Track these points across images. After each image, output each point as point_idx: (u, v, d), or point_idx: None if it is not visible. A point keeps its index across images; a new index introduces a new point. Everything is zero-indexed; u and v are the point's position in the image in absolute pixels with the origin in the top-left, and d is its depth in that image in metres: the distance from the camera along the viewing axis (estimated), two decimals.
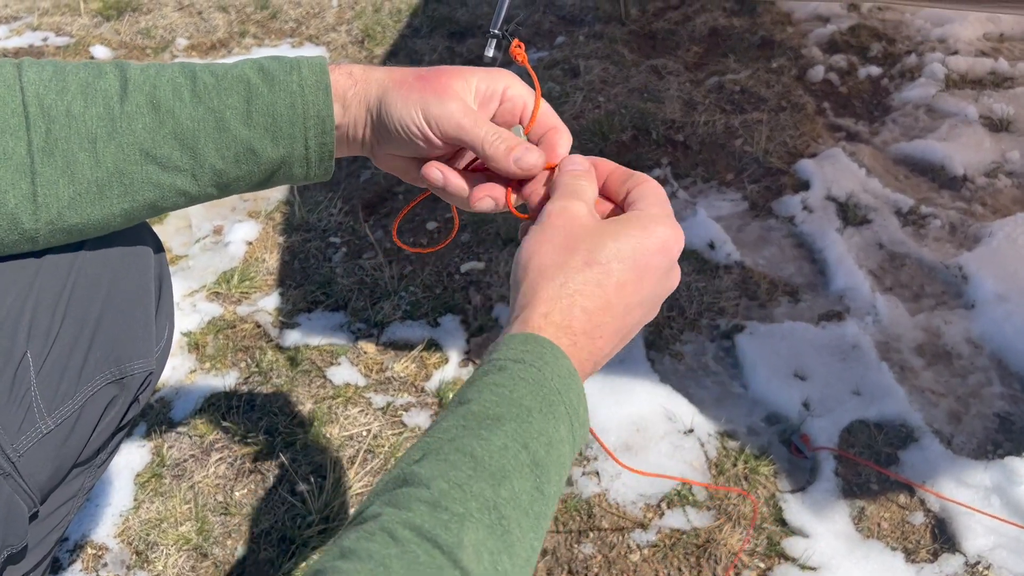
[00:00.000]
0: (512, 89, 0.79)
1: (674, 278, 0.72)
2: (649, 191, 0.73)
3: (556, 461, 0.61)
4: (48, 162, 0.71)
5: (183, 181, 0.75)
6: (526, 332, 0.65)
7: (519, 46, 0.94)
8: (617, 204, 0.76)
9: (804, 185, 2.25)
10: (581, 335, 0.66)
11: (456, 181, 0.78)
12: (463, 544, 0.53)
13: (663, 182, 2.29)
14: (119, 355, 0.86)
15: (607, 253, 0.67)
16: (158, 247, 0.94)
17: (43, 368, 0.80)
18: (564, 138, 0.79)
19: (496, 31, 1.06)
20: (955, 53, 2.76)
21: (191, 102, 0.73)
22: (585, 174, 0.74)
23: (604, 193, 0.77)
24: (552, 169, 0.77)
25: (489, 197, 0.77)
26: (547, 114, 0.80)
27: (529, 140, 0.79)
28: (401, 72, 0.77)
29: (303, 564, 1.45)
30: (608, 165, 0.77)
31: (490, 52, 1.09)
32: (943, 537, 1.50)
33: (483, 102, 0.78)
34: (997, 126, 2.44)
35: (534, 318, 0.65)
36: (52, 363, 0.80)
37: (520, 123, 0.80)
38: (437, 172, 0.78)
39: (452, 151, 0.80)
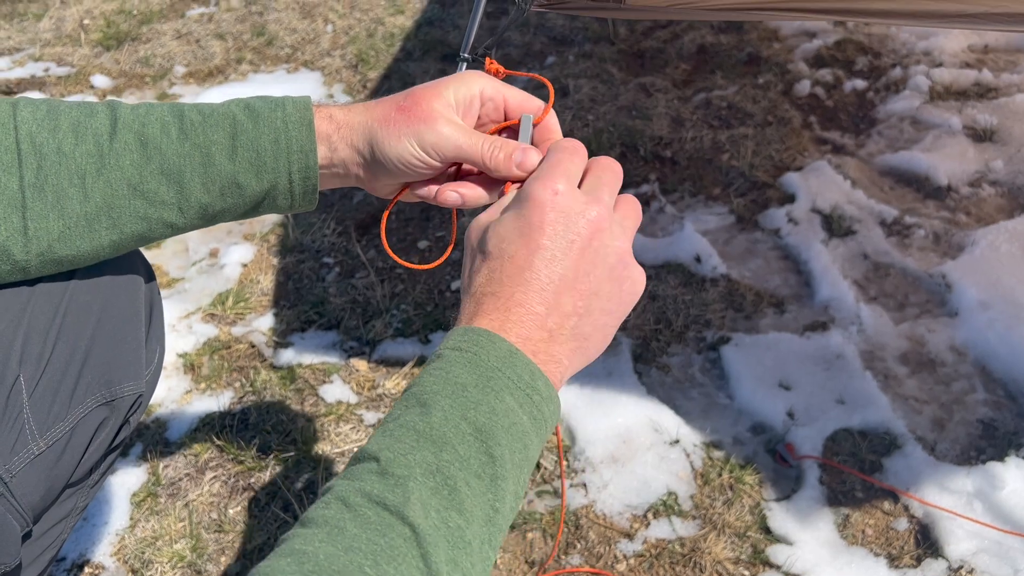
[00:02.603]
0: (487, 89, 0.82)
1: (603, 224, 0.72)
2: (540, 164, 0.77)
3: (505, 428, 0.64)
4: (39, 197, 0.74)
5: (170, 214, 0.79)
6: (464, 326, 0.69)
7: (492, 63, 0.98)
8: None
9: (790, 198, 2.28)
10: (516, 308, 0.69)
11: (475, 194, 0.82)
12: (410, 502, 0.58)
13: (651, 197, 2.32)
14: (110, 378, 0.90)
15: (491, 242, 0.71)
16: (149, 274, 0.98)
17: (35, 391, 0.83)
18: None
19: (466, 55, 1.09)
20: (940, 65, 2.80)
21: (178, 138, 0.77)
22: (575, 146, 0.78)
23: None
24: None
25: (457, 193, 0.83)
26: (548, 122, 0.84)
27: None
28: (381, 108, 0.80)
29: None
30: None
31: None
32: (926, 542, 1.52)
33: (465, 111, 0.81)
34: (981, 136, 2.47)
35: (466, 309, 0.71)
36: (44, 386, 0.84)
37: (508, 124, 0.84)
38: (455, 195, 0.82)
39: (448, 167, 0.83)
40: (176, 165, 0.77)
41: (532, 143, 0.82)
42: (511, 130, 0.84)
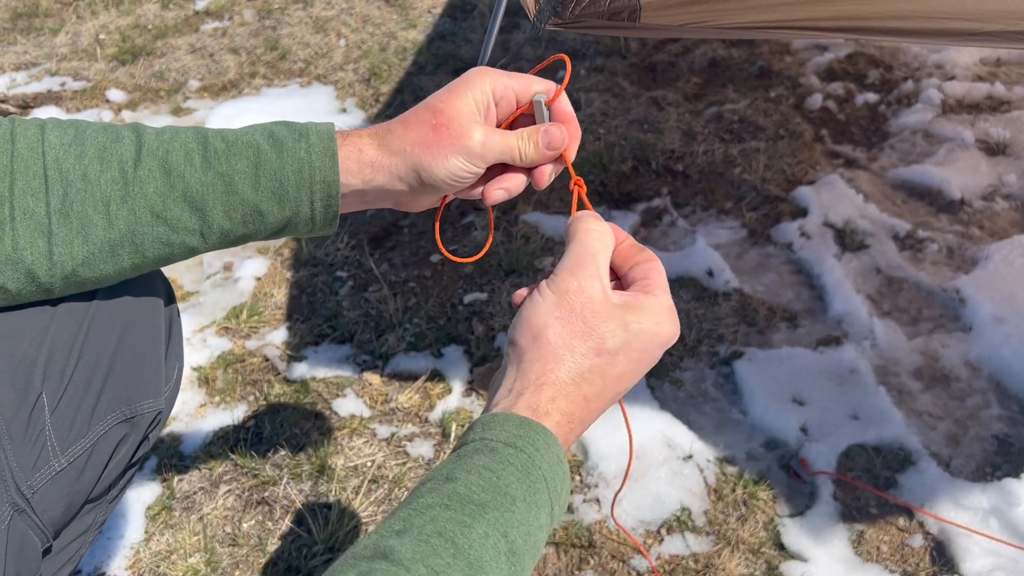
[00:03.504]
0: (497, 87, 0.82)
1: (653, 364, 0.73)
2: (657, 273, 0.73)
3: (532, 548, 0.63)
4: (64, 223, 0.75)
5: (192, 239, 0.80)
6: (524, 416, 0.66)
7: None
8: (619, 275, 0.76)
9: (802, 212, 2.28)
10: (577, 422, 0.68)
11: (516, 183, 0.83)
12: None
13: (663, 211, 2.33)
14: (130, 395, 0.91)
15: (617, 342, 0.68)
16: (169, 293, 0.99)
17: (57, 408, 0.84)
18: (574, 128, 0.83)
19: None
20: (952, 78, 2.80)
21: (201, 167, 0.78)
22: (599, 219, 0.75)
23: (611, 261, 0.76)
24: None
25: (502, 189, 0.83)
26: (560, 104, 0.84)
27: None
28: (414, 131, 0.79)
29: None
30: (621, 234, 0.78)
31: None
32: (942, 559, 1.51)
33: (487, 114, 0.82)
34: (994, 150, 2.46)
35: (542, 401, 0.67)
36: (66, 404, 0.85)
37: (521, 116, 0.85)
38: (501, 191, 0.83)
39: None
40: (199, 193, 0.78)
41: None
42: (526, 116, 0.85)
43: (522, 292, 0.74)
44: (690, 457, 1.68)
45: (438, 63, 3.12)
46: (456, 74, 3.00)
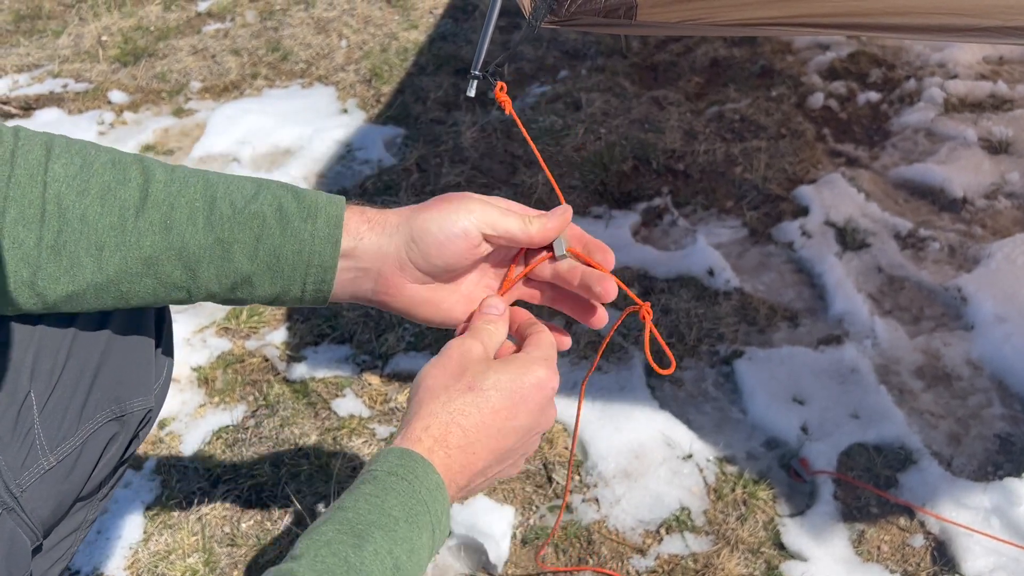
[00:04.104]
0: (485, 230, 0.81)
1: (550, 415, 0.81)
2: (541, 339, 0.82)
3: (416, 566, 0.70)
4: (53, 260, 0.73)
5: (178, 295, 0.79)
6: (403, 447, 0.72)
7: (503, 89, 0.99)
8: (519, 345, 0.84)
9: (803, 211, 2.28)
10: (455, 449, 0.74)
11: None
12: None
13: (663, 210, 2.32)
14: (120, 394, 0.90)
15: (488, 382, 0.75)
16: None
17: (46, 407, 0.84)
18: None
19: (477, 72, 1.10)
20: (954, 77, 2.79)
21: (204, 229, 0.76)
22: (498, 318, 0.83)
23: (515, 334, 0.86)
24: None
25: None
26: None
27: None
28: (413, 207, 0.80)
29: None
30: (522, 314, 0.86)
31: (471, 92, 1.13)
32: (943, 559, 1.51)
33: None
34: (996, 148, 2.45)
35: (415, 430, 0.73)
36: (55, 402, 0.84)
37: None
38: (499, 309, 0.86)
39: (478, 261, 0.84)
40: (195, 255, 0.76)
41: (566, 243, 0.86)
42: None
43: None
44: (690, 456, 1.67)
45: (439, 64, 3.12)
46: (456, 75, 3.01)
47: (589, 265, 0.84)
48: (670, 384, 1.84)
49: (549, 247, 0.85)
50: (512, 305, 0.88)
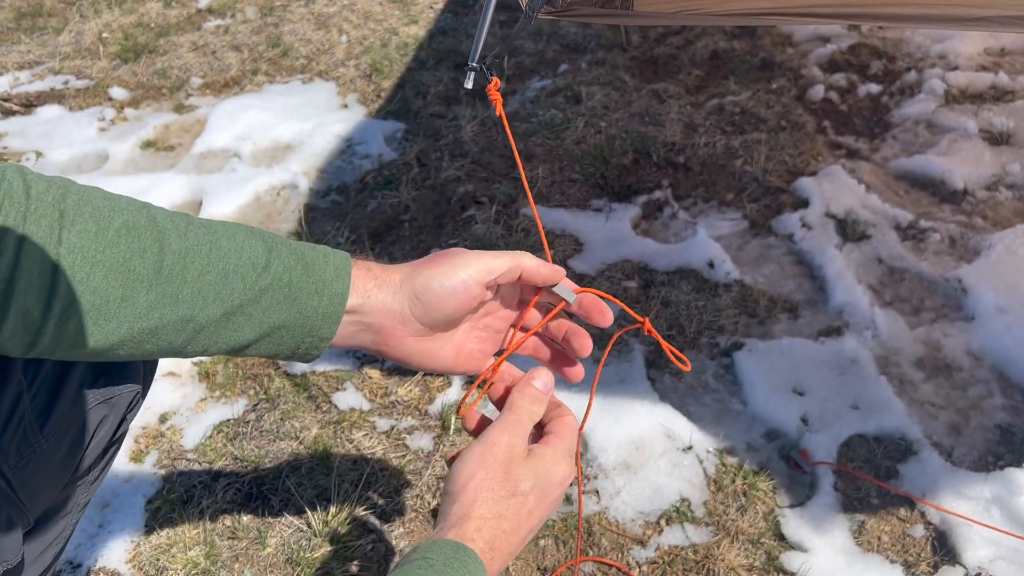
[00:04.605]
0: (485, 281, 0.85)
1: (560, 502, 0.87)
2: (565, 427, 0.87)
3: None
4: (57, 330, 0.70)
5: (170, 355, 0.79)
6: (459, 542, 0.77)
7: (497, 87, 0.99)
8: (540, 423, 0.89)
9: (803, 203, 2.27)
10: (499, 551, 0.79)
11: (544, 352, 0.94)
12: None
13: (664, 203, 2.32)
14: (109, 378, 0.91)
15: (527, 485, 0.81)
16: None
17: (37, 391, 0.85)
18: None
19: (475, 64, 1.10)
20: (955, 68, 2.78)
21: (213, 303, 0.75)
22: (544, 397, 0.87)
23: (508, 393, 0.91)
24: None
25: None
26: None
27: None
28: (413, 263, 0.85)
29: None
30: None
31: (469, 85, 1.14)
32: (943, 549, 1.51)
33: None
34: (997, 139, 2.45)
35: (468, 530, 0.78)
36: (45, 386, 0.85)
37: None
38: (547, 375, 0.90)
39: (474, 310, 0.88)
40: (200, 325, 0.75)
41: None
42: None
43: (453, 453, 0.87)
44: (690, 448, 1.67)
45: (439, 58, 3.12)
46: (456, 69, 3.01)
47: (601, 297, 0.89)
48: (670, 376, 1.84)
49: (559, 297, 0.90)
50: (497, 355, 0.94)
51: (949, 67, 2.79)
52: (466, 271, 0.83)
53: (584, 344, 0.89)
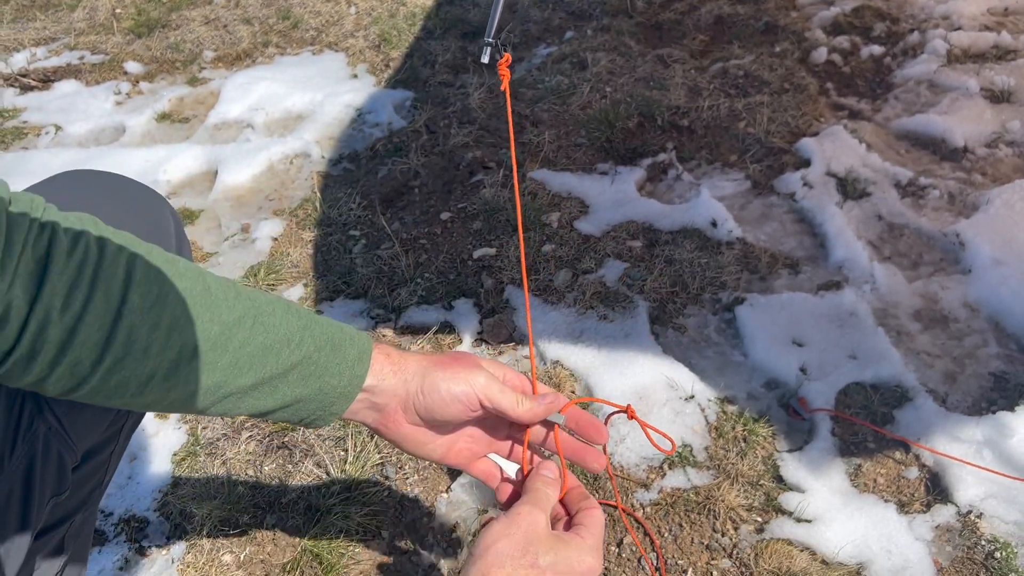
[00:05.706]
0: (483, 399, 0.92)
1: None
2: (594, 520, 0.90)
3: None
4: (103, 381, 0.74)
5: (192, 412, 0.84)
6: None
7: (507, 63, 1.06)
8: (568, 514, 0.93)
9: (805, 163, 2.31)
10: None
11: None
12: None
13: (668, 165, 2.37)
14: None
15: (547, 560, 0.83)
16: (183, 248, 1.06)
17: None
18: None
19: (491, 40, 1.16)
20: (958, 28, 2.80)
21: (247, 374, 0.80)
22: (553, 482, 0.92)
23: (563, 501, 0.95)
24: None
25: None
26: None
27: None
28: (431, 357, 0.92)
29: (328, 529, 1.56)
30: (572, 480, 0.96)
31: (485, 59, 1.19)
32: (936, 489, 1.56)
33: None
34: (998, 98, 2.48)
35: None
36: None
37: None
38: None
39: (470, 420, 0.95)
40: (228, 391, 0.81)
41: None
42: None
43: (486, 518, 0.94)
44: (692, 397, 1.73)
45: (446, 28, 3.15)
46: (464, 38, 3.05)
47: (581, 404, 0.96)
48: (673, 331, 1.89)
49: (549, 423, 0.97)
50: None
51: (952, 27, 2.81)
52: (472, 384, 0.90)
53: (599, 462, 0.95)
